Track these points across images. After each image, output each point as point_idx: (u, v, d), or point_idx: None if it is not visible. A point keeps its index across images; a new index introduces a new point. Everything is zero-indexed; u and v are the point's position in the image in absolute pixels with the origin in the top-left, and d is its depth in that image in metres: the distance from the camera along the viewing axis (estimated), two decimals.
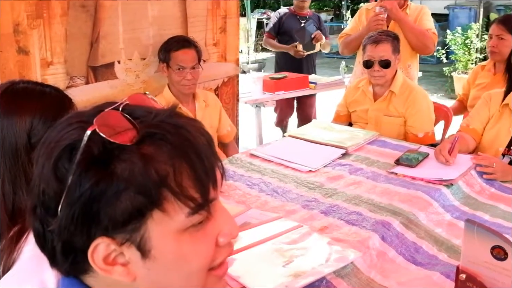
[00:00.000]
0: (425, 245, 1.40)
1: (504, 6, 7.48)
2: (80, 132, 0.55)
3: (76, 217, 0.54)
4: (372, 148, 2.15)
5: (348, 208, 1.58)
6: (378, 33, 2.46)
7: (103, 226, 0.55)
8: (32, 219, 0.58)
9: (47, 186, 0.56)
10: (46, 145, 0.57)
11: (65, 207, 0.54)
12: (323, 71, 8.35)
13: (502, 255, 1.00)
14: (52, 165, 0.55)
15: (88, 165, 0.54)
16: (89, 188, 0.53)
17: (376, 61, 2.37)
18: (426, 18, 3.00)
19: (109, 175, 0.54)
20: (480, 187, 1.77)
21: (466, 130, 2.17)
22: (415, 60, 3.04)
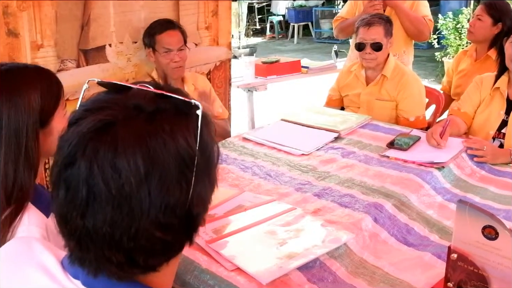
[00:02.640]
0: (417, 227, 1.42)
1: None
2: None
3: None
4: (365, 131, 2.16)
5: (341, 190, 1.60)
6: (371, 15, 2.46)
7: None
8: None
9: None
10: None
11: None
12: (315, 55, 8.35)
13: (493, 235, 1.02)
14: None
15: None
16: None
17: (368, 43, 2.37)
18: (423, 4, 3.00)
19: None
20: (470, 170, 1.79)
21: (457, 113, 2.19)
22: (410, 46, 3.04)
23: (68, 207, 0.57)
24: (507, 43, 1.96)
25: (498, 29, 2.59)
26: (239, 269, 1.17)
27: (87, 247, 0.57)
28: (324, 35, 11.02)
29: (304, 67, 3.36)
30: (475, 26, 2.67)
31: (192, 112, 0.60)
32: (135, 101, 0.59)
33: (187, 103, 0.61)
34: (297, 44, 10.62)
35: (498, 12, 2.59)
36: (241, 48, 8.76)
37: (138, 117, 0.58)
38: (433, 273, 1.21)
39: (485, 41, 2.66)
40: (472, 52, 2.78)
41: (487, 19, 2.61)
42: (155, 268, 0.61)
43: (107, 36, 2.26)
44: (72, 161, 0.56)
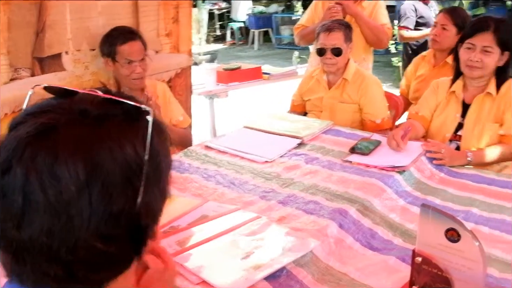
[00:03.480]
0: (381, 231, 1.43)
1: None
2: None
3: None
4: (327, 137, 2.17)
5: (305, 197, 1.60)
6: (331, 21, 2.51)
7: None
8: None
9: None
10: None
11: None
12: (275, 62, 8.39)
13: (456, 237, 1.03)
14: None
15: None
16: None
17: (329, 48, 2.41)
18: (381, 12, 3.06)
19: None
20: (430, 173, 1.83)
21: (415, 117, 2.24)
22: (370, 53, 3.11)
23: (3, 217, 0.53)
24: (462, 49, 2.02)
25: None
26: (204, 282, 1.14)
27: (23, 260, 0.54)
28: (284, 41, 11.12)
29: (266, 73, 3.37)
30: (441, 36, 2.72)
31: (143, 119, 0.58)
32: (81, 105, 0.57)
33: (137, 109, 0.58)
34: (257, 50, 10.66)
35: (462, 20, 2.67)
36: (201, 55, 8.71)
37: (82, 122, 0.55)
38: (398, 276, 1.22)
39: (447, 48, 2.73)
40: (430, 57, 2.84)
41: (452, 28, 2.69)
42: (100, 284, 0.57)
43: (64, 44, 2.19)
44: (8, 167, 0.53)
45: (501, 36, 1.94)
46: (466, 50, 2.00)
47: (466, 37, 2.01)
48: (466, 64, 2.00)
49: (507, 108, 1.99)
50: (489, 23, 1.97)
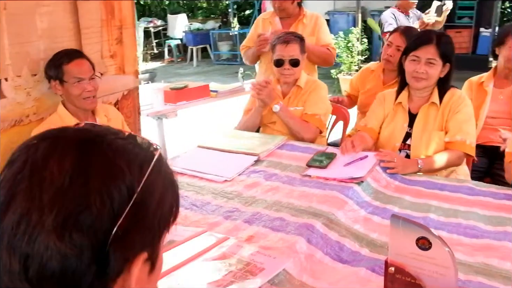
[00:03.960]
0: (348, 243, 1.45)
1: (378, 11, 8.12)
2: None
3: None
4: (283, 152, 2.20)
5: (270, 214, 1.60)
6: (286, 33, 2.57)
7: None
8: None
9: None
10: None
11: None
12: (216, 78, 8.41)
13: (427, 245, 1.07)
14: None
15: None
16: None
17: (287, 60, 2.47)
18: (324, 31, 3.14)
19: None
20: (386, 182, 1.89)
21: (364, 129, 2.31)
22: (315, 72, 3.19)
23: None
24: (407, 61, 2.12)
25: None
26: None
27: None
28: (223, 57, 11.17)
29: (213, 91, 3.36)
30: (395, 56, 2.67)
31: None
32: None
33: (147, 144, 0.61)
34: (196, 67, 10.63)
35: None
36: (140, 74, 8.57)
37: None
38: (370, 287, 1.24)
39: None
40: (379, 73, 2.89)
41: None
42: None
43: (3, 70, 2.08)
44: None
45: (443, 49, 2.05)
46: (411, 62, 2.10)
47: (410, 50, 2.11)
48: (412, 76, 2.10)
49: (451, 116, 2.10)
50: (432, 36, 2.08)
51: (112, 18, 2.52)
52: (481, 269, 1.28)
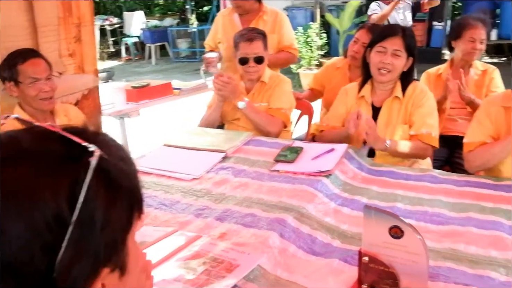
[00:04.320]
0: (320, 235, 1.47)
1: (336, 6, 8.24)
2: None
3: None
4: (250, 148, 2.19)
5: (241, 211, 1.59)
6: (249, 30, 2.55)
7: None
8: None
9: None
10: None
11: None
12: (176, 75, 8.32)
13: (399, 234, 1.09)
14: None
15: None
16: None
17: (251, 57, 2.46)
18: (286, 30, 3.12)
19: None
20: (353, 173, 1.92)
21: (327, 129, 2.33)
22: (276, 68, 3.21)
23: None
24: (373, 52, 2.15)
25: None
26: None
27: None
28: (182, 54, 11.06)
29: (176, 88, 3.32)
30: (360, 53, 2.69)
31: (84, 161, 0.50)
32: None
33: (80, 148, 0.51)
34: (155, 65, 10.48)
35: None
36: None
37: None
38: (343, 277, 1.26)
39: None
40: (345, 70, 2.92)
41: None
42: None
43: None
44: None
45: (408, 41, 2.10)
46: (377, 53, 2.13)
47: (376, 41, 2.14)
48: (377, 67, 2.13)
49: (414, 110, 2.15)
50: (398, 29, 2.13)
51: (69, 15, 2.45)
52: (449, 254, 1.32)
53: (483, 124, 1.93)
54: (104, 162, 0.52)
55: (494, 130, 1.91)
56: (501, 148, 1.83)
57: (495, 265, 1.26)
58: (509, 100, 1.89)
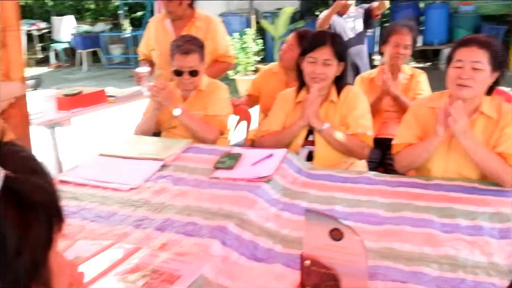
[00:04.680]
0: (262, 241, 1.47)
1: (271, 13, 8.36)
2: None
3: None
4: (189, 155, 2.17)
5: (182, 220, 1.56)
6: (186, 41, 2.47)
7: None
8: None
9: None
10: None
11: None
12: (109, 82, 8.08)
13: (339, 236, 1.12)
14: None
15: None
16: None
17: (186, 70, 2.42)
18: (220, 38, 3.08)
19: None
20: (292, 178, 1.95)
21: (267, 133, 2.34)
22: None
23: None
24: (305, 62, 2.20)
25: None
26: None
27: None
28: (115, 60, 10.78)
29: (111, 96, 3.22)
30: (286, 54, 2.83)
31: None
32: None
33: None
34: (87, 72, 10.13)
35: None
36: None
37: None
38: (286, 282, 1.27)
39: (294, 69, 2.87)
40: (282, 75, 2.94)
41: (297, 50, 2.84)
42: None
43: None
44: None
45: (337, 49, 2.16)
46: (309, 63, 2.18)
47: (307, 51, 2.19)
48: (310, 77, 2.19)
49: (349, 112, 2.22)
50: (326, 37, 2.18)
51: None
52: (386, 253, 1.37)
53: (411, 126, 2.02)
54: (11, 181, 0.48)
55: (421, 131, 2.00)
56: (424, 148, 1.92)
57: (428, 261, 1.32)
58: (437, 101, 2.00)
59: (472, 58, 1.81)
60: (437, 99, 2.01)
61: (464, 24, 7.96)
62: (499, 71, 1.85)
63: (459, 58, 1.84)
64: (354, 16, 4.06)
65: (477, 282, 1.23)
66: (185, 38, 2.55)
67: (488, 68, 1.80)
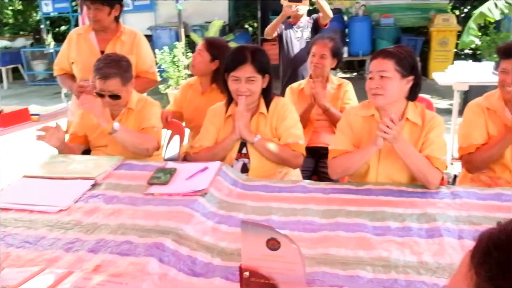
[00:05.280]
0: (200, 255, 1.45)
1: (200, 26, 8.38)
2: None
3: None
4: (121, 173, 2.10)
5: (116, 239, 1.51)
6: (106, 64, 2.36)
7: None
8: None
9: None
10: None
11: None
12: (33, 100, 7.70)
13: (276, 245, 1.13)
14: None
15: None
16: None
17: (106, 95, 2.36)
18: (144, 54, 3.03)
19: None
20: (228, 190, 1.95)
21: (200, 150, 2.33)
22: None
23: None
24: (229, 80, 2.21)
25: (216, 65, 2.83)
26: None
27: None
28: (38, 77, 10.31)
29: (34, 114, 3.07)
30: (196, 60, 2.88)
31: None
32: None
33: None
34: (8, 90, 9.60)
35: (216, 50, 2.85)
36: None
37: None
38: None
39: (207, 75, 2.89)
40: (197, 86, 2.96)
41: (206, 55, 2.85)
42: None
43: None
44: None
45: (258, 65, 2.19)
46: (233, 81, 2.20)
47: (229, 70, 2.21)
48: (236, 94, 2.21)
49: (279, 123, 2.25)
50: (247, 55, 2.19)
51: None
52: (323, 259, 1.40)
53: (345, 133, 2.09)
54: None
55: (355, 139, 2.08)
56: (360, 157, 2.00)
57: (363, 264, 1.37)
58: (366, 109, 2.09)
59: (378, 68, 1.95)
60: (367, 108, 2.10)
61: (385, 36, 8.39)
62: (412, 76, 1.96)
63: (370, 70, 1.99)
64: (303, 26, 4.14)
65: (409, 281, 1.28)
66: (107, 60, 2.41)
67: (396, 75, 1.92)
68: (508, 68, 2.11)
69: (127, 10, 8.86)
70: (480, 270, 0.45)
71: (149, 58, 3.11)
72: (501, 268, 0.44)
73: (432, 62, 8.01)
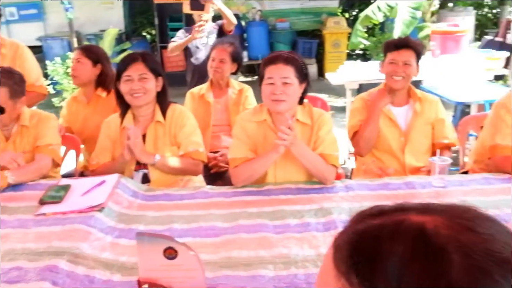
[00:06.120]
0: (98, 273, 1.39)
1: (94, 35, 8.04)
2: None
3: None
4: (8, 194, 1.95)
5: (3, 267, 1.40)
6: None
7: None
8: None
9: None
10: None
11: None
12: None
13: (173, 254, 1.11)
14: None
15: None
16: None
17: None
18: (28, 67, 2.81)
19: None
20: (128, 202, 1.88)
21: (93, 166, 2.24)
22: None
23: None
24: (122, 83, 2.15)
25: (99, 69, 2.74)
26: None
27: None
28: None
29: None
30: (78, 70, 2.74)
31: None
32: None
33: None
34: None
35: (94, 54, 2.76)
36: None
37: None
38: None
39: (90, 82, 2.77)
40: (81, 97, 2.82)
41: (86, 62, 2.73)
42: None
43: None
44: None
45: (150, 64, 2.17)
46: (126, 82, 2.14)
47: (121, 71, 2.16)
48: (129, 94, 2.14)
49: (178, 131, 2.21)
50: (137, 56, 2.19)
51: None
52: (225, 263, 1.41)
53: (242, 140, 2.09)
54: None
55: (252, 144, 2.09)
56: (262, 164, 2.01)
57: (264, 263, 1.40)
58: (258, 114, 2.11)
59: (281, 74, 1.97)
60: (259, 113, 2.12)
61: (282, 39, 8.66)
62: (305, 82, 2.05)
63: (269, 75, 1.99)
64: (209, 31, 4.10)
65: (307, 275, 1.33)
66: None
67: (296, 81, 1.99)
68: (396, 59, 2.36)
69: (12, 20, 8.28)
70: (350, 277, 0.46)
71: (35, 70, 2.91)
72: (370, 267, 0.44)
73: (327, 63, 8.40)
